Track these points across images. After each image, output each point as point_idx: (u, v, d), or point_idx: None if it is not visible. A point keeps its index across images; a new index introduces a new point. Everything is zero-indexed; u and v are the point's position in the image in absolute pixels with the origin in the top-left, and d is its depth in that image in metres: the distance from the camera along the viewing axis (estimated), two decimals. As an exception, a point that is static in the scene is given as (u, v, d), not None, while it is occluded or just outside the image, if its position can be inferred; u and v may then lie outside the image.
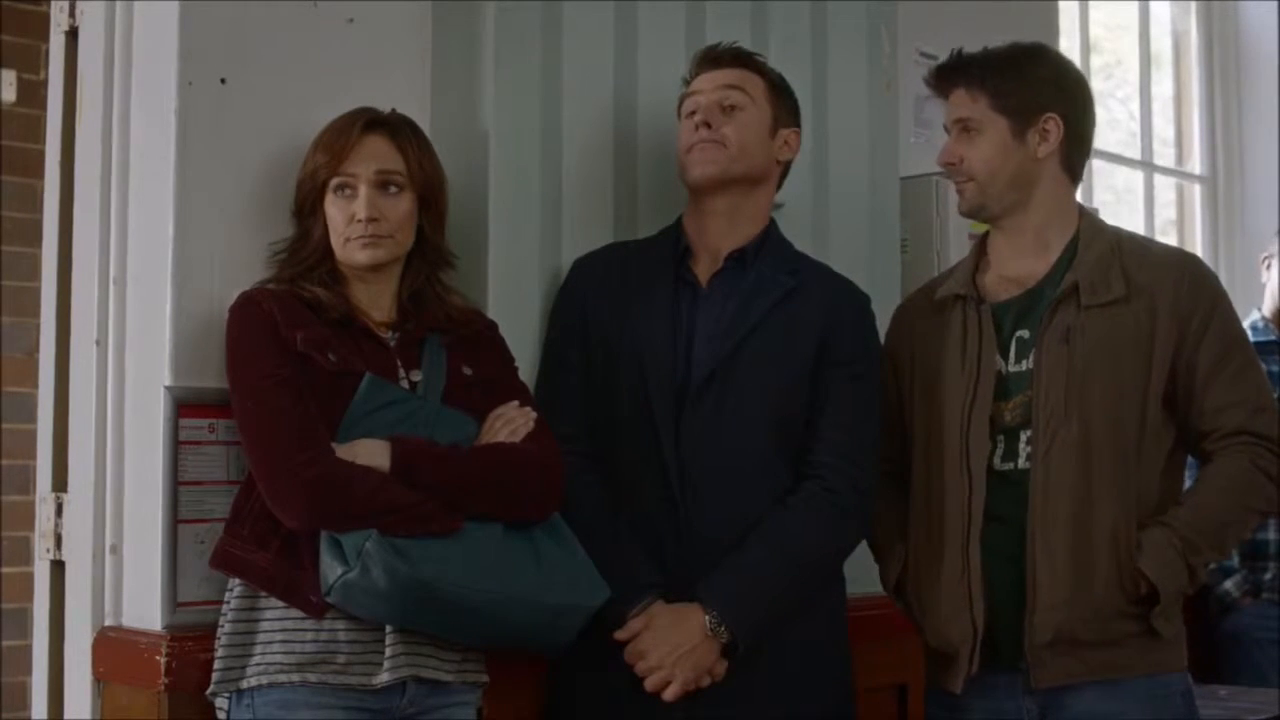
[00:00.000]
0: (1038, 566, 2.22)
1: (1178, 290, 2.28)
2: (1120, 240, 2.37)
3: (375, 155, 2.12)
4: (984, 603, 2.24)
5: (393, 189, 2.13)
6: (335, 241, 2.13)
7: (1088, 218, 2.41)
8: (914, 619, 2.38)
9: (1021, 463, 2.27)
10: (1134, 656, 2.23)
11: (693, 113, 2.39)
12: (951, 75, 2.37)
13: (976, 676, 2.26)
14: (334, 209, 2.12)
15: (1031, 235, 2.36)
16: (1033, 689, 2.24)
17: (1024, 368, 2.29)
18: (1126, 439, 2.24)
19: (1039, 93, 2.34)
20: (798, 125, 2.50)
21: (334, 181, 2.12)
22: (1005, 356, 2.31)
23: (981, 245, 2.45)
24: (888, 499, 2.42)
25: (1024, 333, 2.31)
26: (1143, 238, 2.54)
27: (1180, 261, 2.37)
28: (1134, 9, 5.36)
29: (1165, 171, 5.44)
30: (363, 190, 2.10)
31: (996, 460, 2.29)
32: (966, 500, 2.27)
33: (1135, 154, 5.31)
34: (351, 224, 2.10)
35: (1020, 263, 2.37)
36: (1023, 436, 2.27)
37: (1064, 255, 2.34)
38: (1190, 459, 2.37)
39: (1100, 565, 2.21)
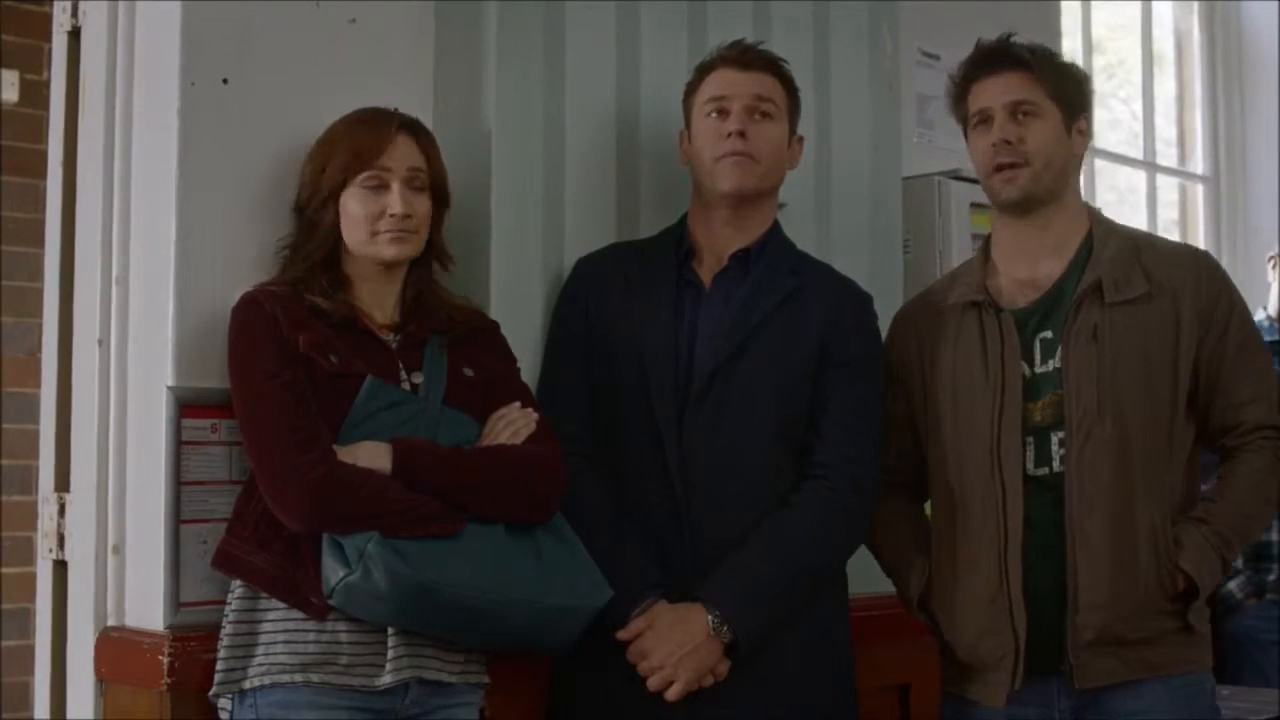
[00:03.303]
0: (1079, 566, 2.21)
1: (1197, 287, 2.29)
2: (1135, 238, 2.38)
3: (407, 154, 2.13)
4: (1025, 614, 2.23)
5: (417, 187, 2.14)
6: (358, 234, 2.11)
7: (1098, 217, 2.41)
8: (939, 634, 2.36)
9: (1056, 466, 2.25)
10: (1170, 654, 2.24)
11: (722, 114, 2.37)
12: (1010, 56, 2.34)
13: (1004, 683, 2.25)
14: (357, 202, 2.11)
15: (1054, 233, 2.35)
16: (1074, 690, 2.23)
17: (1050, 367, 2.28)
18: (1158, 436, 2.25)
19: (1080, 92, 2.38)
20: (798, 131, 2.49)
21: (364, 175, 2.11)
22: (1029, 359, 2.30)
23: (985, 248, 2.44)
24: (899, 512, 2.42)
25: (1047, 333, 2.30)
26: (1152, 235, 2.56)
27: (1195, 258, 2.38)
28: (1136, 9, 5.36)
29: (1168, 171, 5.45)
30: (396, 186, 2.11)
31: (1029, 465, 2.27)
32: (1000, 510, 2.26)
33: (1138, 154, 5.32)
34: (383, 218, 2.10)
35: (1036, 263, 2.35)
36: (1054, 438, 2.26)
37: (1079, 254, 2.33)
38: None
39: (1142, 562, 2.21)
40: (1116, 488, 2.22)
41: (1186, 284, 2.29)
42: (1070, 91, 2.36)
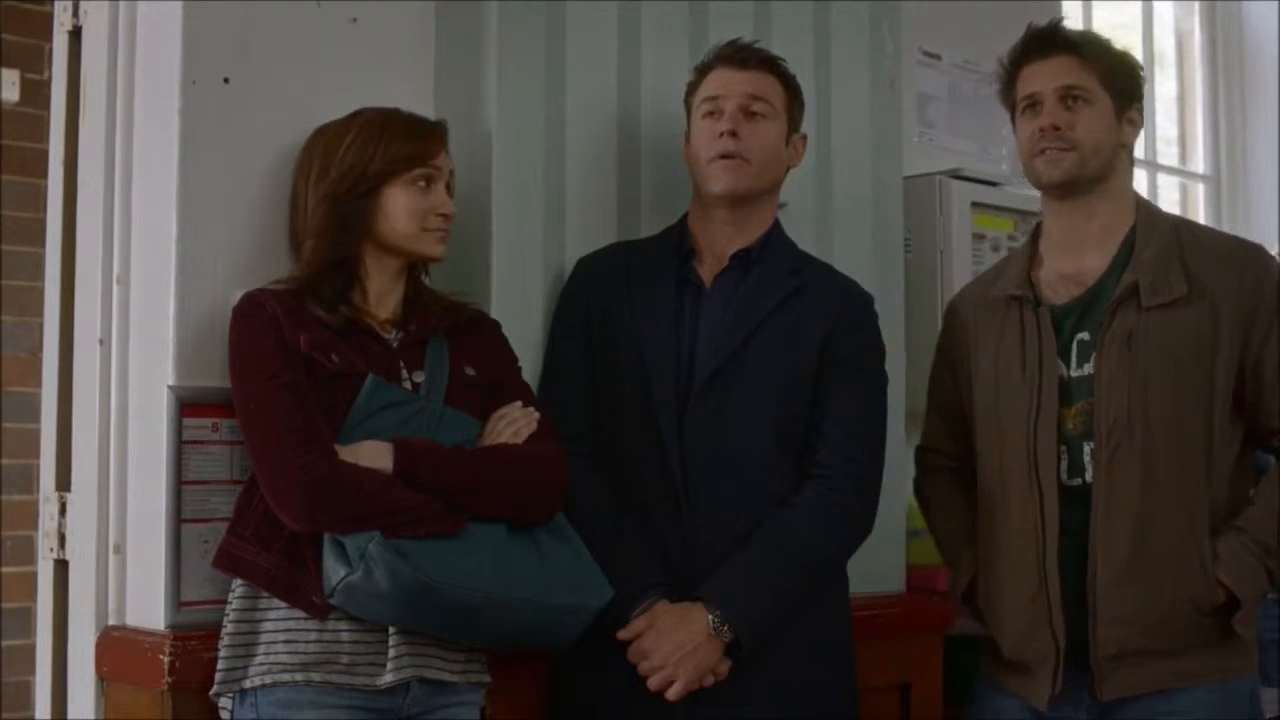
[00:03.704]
0: (1099, 579, 2.19)
1: (1241, 287, 2.23)
2: (1179, 231, 2.32)
3: (447, 157, 2.18)
4: (1064, 619, 2.21)
5: (449, 189, 2.19)
6: (407, 227, 2.12)
7: (1145, 208, 2.36)
8: (987, 628, 2.36)
9: (1089, 477, 2.23)
10: (1204, 665, 2.20)
11: (716, 114, 2.37)
12: (1061, 41, 2.31)
13: (1046, 683, 2.24)
14: (408, 196, 2.12)
15: (1099, 222, 2.31)
16: (1098, 699, 2.22)
17: (1086, 372, 2.25)
18: (1192, 447, 2.21)
19: (1134, 81, 2.34)
20: (801, 128, 2.49)
21: (419, 171, 2.13)
22: (1066, 360, 2.27)
23: (1034, 239, 2.41)
24: (953, 501, 2.42)
25: (1084, 335, 2.27)
26: (1203, 228, 2.49)
27: (1242, 255, 2.32)
28: (1137, 9, 5.36)
29: (1169, 171, 5.44)
30: (441, 187, 2.16)
31: (1064, 474, 2.25)
32: (1039, 515, 2.24)
33: (1139, 153, 5.29)
34: (431, 215, 2.14)
35: (1079, 256, 2.32)
36: (1086, 448, 2.23)
37: (1123, 249, 2.29)
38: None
39: (1167, 577, 2.18)
40: (1143, 501, 2.18)
41: (1229, 285, 2.23)
42: (1122, 79, 2.31)
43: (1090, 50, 2.30)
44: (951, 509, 2.42)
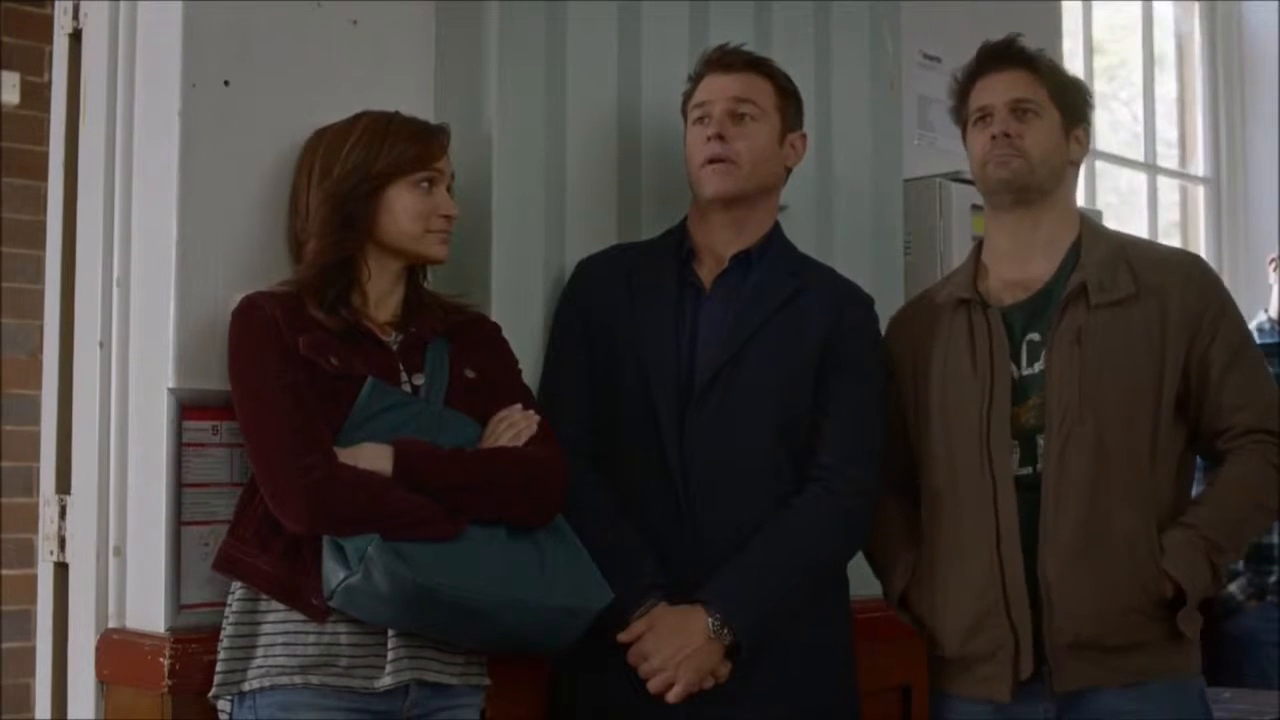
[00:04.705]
0: (1049, 569, 2.20)
1: (1187, 290, 2.29)
2: (1124, 242, 2.39)
3: (447, 162, 2.18)
4: (1026, 607, 2.21)
5: (450, 190, 2.20)
6: (410, 228, 2.13)
7: (1088, 222, 2.42)
8: (922, 629, 2.36)
9: (1040, 467, 2.25)
10: (1156, 659, 2.22)
11: (706, 119, 2.38)
12: (1014, 55, 2.37)
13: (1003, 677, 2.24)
14: (412, 197, 2.13)
15: (1044, 232, 2.35)
16: (1054, 692, 2.22)
17: (1037, 370, 2.28)
18: (1140, 440, 2.24)
19: (1083, 102, 2.41)
20: (803, 127, 2.49)
21: (422, 174, 2.13)
22: (1018, 361, 2.30)
23: (977, 251, 2.45)
24: (887, 509, 2.41)
25: (1035, 335, 2.30)
26: (1144, 240, 2.58)
27: (1186, 262, 2.39)
28: (1137, 10, 5.36)
29: (1169, 173, 5.45)
30: (443, 189, 2.16)
31: (1015, 465, 2.27)
32: (993, 507, 2.25)
33: (1139, 156, 5.32)
34: (434, 217, 2.14)
35: (1025, 263, 2.36)
36: (1039, 441, 2.25)
37: (1068, 257, 2.34)
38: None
39: (1119, 568, 2.19)
40: (1093, 490, 2.21)
41: (1175, 287, 2.28)
42: (1072, 98, 2.38)
43: (1042, 66, 2.36)
44: (884, 517, 2.41)
